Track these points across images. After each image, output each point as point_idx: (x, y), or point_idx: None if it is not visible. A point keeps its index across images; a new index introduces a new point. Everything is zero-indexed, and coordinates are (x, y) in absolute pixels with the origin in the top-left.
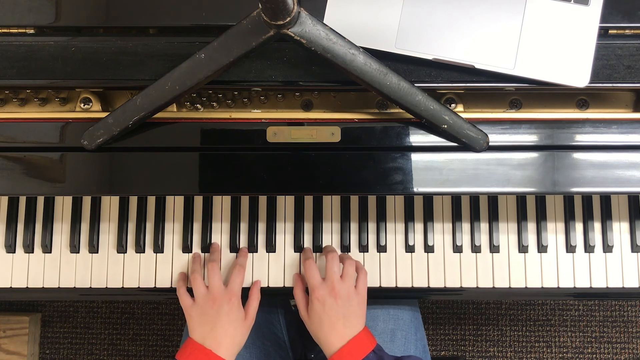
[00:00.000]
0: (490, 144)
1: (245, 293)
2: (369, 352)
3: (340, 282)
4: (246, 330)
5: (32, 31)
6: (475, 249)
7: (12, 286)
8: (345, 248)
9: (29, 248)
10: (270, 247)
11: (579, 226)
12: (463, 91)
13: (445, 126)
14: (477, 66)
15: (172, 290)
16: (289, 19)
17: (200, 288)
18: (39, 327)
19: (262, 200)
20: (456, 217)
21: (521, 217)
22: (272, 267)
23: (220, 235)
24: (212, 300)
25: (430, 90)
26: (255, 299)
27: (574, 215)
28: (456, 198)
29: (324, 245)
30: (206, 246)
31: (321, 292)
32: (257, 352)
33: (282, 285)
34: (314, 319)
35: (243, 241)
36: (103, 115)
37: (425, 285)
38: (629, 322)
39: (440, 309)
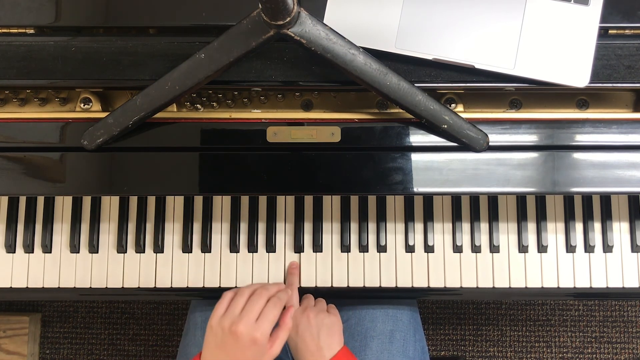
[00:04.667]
0: (490, 144)
1: None
2: None
3: (312, 307)
4: None
5: (32, 31)
6: (475, 249)
7: (12, 286)
8: (346, 248)
9: (29, 248)
10: (270, 247)
11: (579, 226)
12: (463, 91)
13: (445, 126)
14: (477, 66)
15: (172, 290)
16: (289, 19)
17: (236, 309)
18: (39, 327)
19: (262, 200)
20: (456, 217)
21: (521, 217)
22: (272, 267)
23: (220, 236)
24: (235, 329)
25: (430, 90)
26: (285, 330)
27: (574, 215)
28: (456, 198)
29: (324, 246)
30: (206, 246)
31: (295, 315)
32: None
33: None
34: (292, 345)
35: (243, 241)
36: (103, 115)
37: (425, 285)
38: (629, 322)
39: (440, 309)
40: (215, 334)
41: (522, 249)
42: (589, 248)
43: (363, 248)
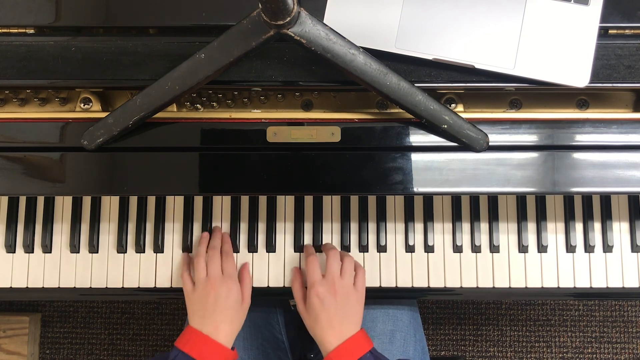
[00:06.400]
0: (490, 144)
1: None
2: (366, 352)
3: (339, 280)
4: (243, 313)
5: (32, 31)
6: (475, 249)
7: (12, 286)
8: (346, 248)
9: (29, 248)
10: (270, 247)
11: (579, 226)
12: (463, 91)
13: (445, 126)
14: (477, 66)
15: (172, 290)
16: (289, 19)
17: (201, 273)
18: (39, 327)
19: (262, 200)
20: (456, 217)
21: (521, 217)
22: (272, 267)
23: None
24: (210, 286)
25: (430, 90)
26: (247, 280)
27: (574, 215)
28: (456, 198)
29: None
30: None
31: (320, 289)
32: (255, 353)
33: (282, 285)
34: (311, 314)
35: (243, 241)
36: (103, 115)
37: (425, 285)
38: (629, 322)
39: (440, 309)
40: (197, 299)
41: (522, 249)
42: (589, 248)
43: (363, 248)
